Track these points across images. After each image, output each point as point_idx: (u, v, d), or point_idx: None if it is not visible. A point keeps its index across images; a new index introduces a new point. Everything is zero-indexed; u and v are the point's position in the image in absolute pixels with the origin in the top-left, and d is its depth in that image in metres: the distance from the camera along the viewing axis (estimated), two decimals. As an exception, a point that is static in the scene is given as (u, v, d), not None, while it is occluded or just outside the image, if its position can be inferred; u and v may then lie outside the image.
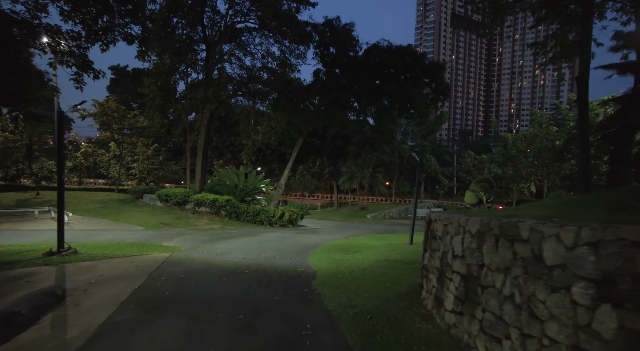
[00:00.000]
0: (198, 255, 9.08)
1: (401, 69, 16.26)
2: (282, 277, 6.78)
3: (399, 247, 11.42)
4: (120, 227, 14.35)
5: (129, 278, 6.10)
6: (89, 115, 27.00)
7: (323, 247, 11.36)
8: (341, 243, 12.57)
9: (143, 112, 27.19)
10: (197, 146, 21.05)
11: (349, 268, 7.64)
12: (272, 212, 16.75)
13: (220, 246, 10.70)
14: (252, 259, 8.73)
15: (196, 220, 16.27)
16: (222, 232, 14.09)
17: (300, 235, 14.27)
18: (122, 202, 19.57)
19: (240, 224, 16.49)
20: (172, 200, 17.72)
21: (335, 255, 9.63)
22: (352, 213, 28.61)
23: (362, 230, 18.74)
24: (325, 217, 27.32)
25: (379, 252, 10.11)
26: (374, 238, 14.91)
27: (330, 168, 34.95)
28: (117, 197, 21.59)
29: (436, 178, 36.92)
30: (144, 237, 12.07)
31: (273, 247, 10.84)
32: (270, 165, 39.47)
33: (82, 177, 39.25)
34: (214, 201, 16.60)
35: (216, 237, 12.61)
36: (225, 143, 68.99)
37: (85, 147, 36.10)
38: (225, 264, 7.93)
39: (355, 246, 11.77)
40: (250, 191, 18.89)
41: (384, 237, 15.33)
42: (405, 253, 9.45)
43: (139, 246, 10.07)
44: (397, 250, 10.44)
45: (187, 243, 11.08)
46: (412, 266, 7.41)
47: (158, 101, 22.76)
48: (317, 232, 16.43)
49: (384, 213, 27.74)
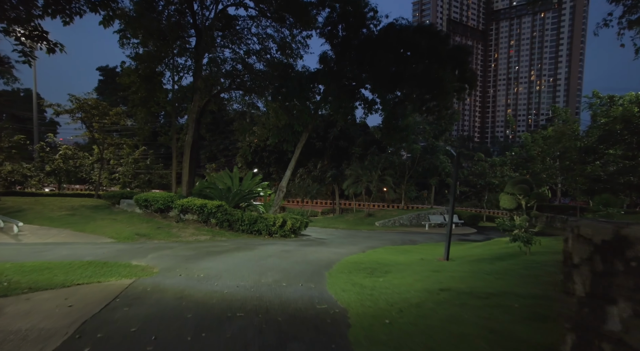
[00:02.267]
0: (173, 281, 6.60)
1: (425, 50, 14.00)
2: (297, 325, 4.36)
3: (437, 265, 9.01)
4: (85, 239, 11.77)
5: (34, 339, 3.59)
6: (64, 112, 24.39)
7: (340, 266, 8.94)
8: (360, 259, 10.14)
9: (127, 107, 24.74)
10: (185, 144, 18.59)
11: (394, 305, 5.22)
12: (272, 220, 14.29)
13: (207, 265, 8.22)
14: (248, 287, 6.28)
15: (180, 230, 13.73)
16: (211, 245, 11.58)
17: (306, 249, 11.81)
18: (94, 209, 16.96)
19: (233, 235, 13.99)
20: (153, 206, 15.19)
21: (362, 280, 7.21)
22: (359, 220, 26.20)
23: (376, 240, 16.32)
24: (328, 224, 24.87)
25: (418, 273, 7.70)
26: (395, 251, 12.51)
27: (333, 171, 32.57)
28: (91, 203, 18.96)
29: (444, 182, 34.74)
30: (110, 253, 9.54)
31: (276, 266, 8.38)
32: (268, 168, 37.03)
33: (61, 182, 36.40)
34: (202, 207, 14.10)
35: (202, 252, 10.12)
36: (219, 146, 66.57)
37: (64, 149, 33.30)
38: (210, 299, 5.46)
39: (380, 263, 9.36)
40: (246, 195, 16.42)
41: (407, 250, 12.94)
42: (458, 276, 7.03)
43: (96, 267, 7.55)
44: (440, 270, 8.03)
45: (164, 262, 8.59)
46: (492, 302, 4.98)
47: (141, 93, 20.35)
48: (325, 243, 13.98)
49: (394, 221, 25.39)
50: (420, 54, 13.99)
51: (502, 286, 5.80)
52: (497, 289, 5.64)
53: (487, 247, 12.49)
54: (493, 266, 8.02)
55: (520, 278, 6.34)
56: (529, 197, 12.92)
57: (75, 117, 26.01)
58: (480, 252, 11.32)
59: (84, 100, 25.02)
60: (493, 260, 8.99)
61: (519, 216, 13.29)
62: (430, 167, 27.15)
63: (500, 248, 11.86)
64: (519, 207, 12.91)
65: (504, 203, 12.88)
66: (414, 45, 14.04)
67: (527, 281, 6.07)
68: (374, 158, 27.60)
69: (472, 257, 10.50)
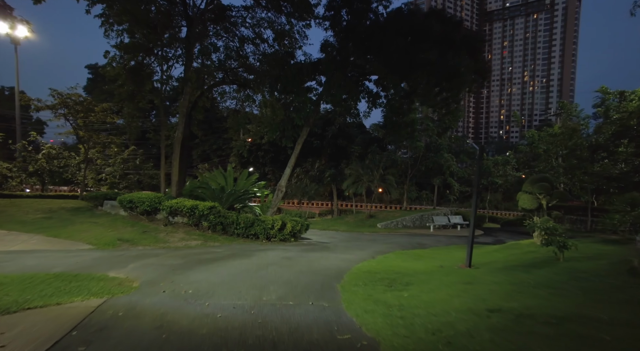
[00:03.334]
0: (154, 300, 5.37)
1: (438, 36, 12.88)
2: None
3: (464, 274, 7.89)
4: (59, 246, 10.43)
5: None
6: (45, 108, 22.83)
7: (352, 276, 7.77)
8: (372, 267, 8.98)
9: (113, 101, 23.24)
10: (174, 140, 17.26)
11: (436, 334, 4.09)
12: (270, 223, 13.06)
13: (197, 278, 7.00)
14: (248, 309, 5.09)
15: (169, 235, 12.43)
16: (203, 252, 10.33)
17: (310, 255, 10.61)
18: (74, 211, 15.58)
19: (227, 239, 12.72)
20: (138, 207, 13.86)
21: (383, 294, 6.07)
22: (359, 222, 25.05)
23: (382, 244, 15.18)
24: (328, 226, 23.68)
25: (447, 286, 6.56)
26: (407, 256, 11.37)
27: (332, 170, 31.38)
28: (72, 205, 17.56)
29: (446, 182, 33.79)
30: (85, 263, 8.27)
31: (278, 278, 7.19)
32: (263, 168, 35.75)
33: (45, 183, 34.63)
34: (192, 209, 12.82)
35: (193, 261, 8.88)
36: (213, 146, 65.00)
37: (47, 148, 31.59)
38: (199, 327, 4.26)
39: (397, 272, 8.22)
40: (241, 196, 15.16)
41: (420, 255, 11.81)
42: (500, 290, 5.89)
43: (62, 282, 6.30)
44: (472, 281, 6.90)
45: (147, 273, 7.36)
46: (568, 331, 3.84)
47: (127, 87, 18.95)
48: (329, 248, 12.79)
49: (396, 222, 24.30)
50: (433, 40, 12.86)
51: (566, 307, 4.67)
52: (562, 310, 4.51)
53: (507, 251, 11.42)
54: (532, 277, 6.91)
55: (582, 294, 5.22)
56: (550, 196, 11.88)
57: (57, 113, 24.48)
58: (504, 258, 10.23)
59: (67, 95, 23.49)
60: (527, 268, 7.89)
61: (539, 217, 12.28)
62: (434, 166, 26.13)
63: (523, 252, 10.81)
64: (539, 207, 11.85)
65: (524, 203, 11.84)
66: (425, 31, 12.91)
67: (594, 298, 4.95)
68: (375, 156, 26.48)
69: (497, 263, 9.41)
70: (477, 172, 9.18)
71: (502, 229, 26.00)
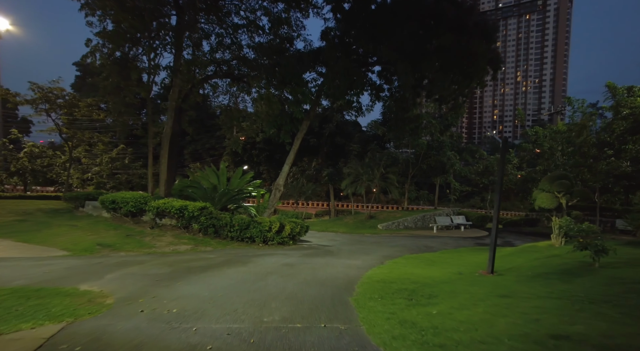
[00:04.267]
0: (128, 325, 4.32)
1: (452, 21, 11.88)
2: None
3: (492, 284, 6.95)
4: (28, 253, 9.26)
5: None
6: (24, 103, 21.45)
7: (365, 286, 6.80)
8: (385, 275, 7.99)
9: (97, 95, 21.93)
10: (163, 136, 16.09)
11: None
12: (267, 225, 12.00)
13: (184, 291, 5.96)
14: (246, 337, 4.09)
15: (155, 239, 11.31)
16: (192, 259, 9.26)
17: (313, 261, 9.59)
18: (53, 213, 14.36)
19: (220, 243, 11.64)
20: (122, 208, 12.69)
21: (408, 312, 5.12)
22: (359, 223, 24.09)
23: (388, 247, 14.22)
24: (326, 228, 22.66)
25: (480, 299, 5.60)
26: (419, 261, 10.41)
27: (330, 169, 30.36)
28: (52, 207, 16.32)
29: (446, 181, 33.04)
30: (55, 273, 7.17)
31: (280, 291, 6.18)
32: (257, 168, 34.61)
33: (27, 183, 33.01)
34: (181, 210, 11.71)
35: (181, 269, 7.81)
36: (205, 145, 63.55)
37: (29, 146, 30.08)
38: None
39: (414, 281, 7.27)
40: (235, 196, 14.08)
41: (431, 260, 10.86)
42: (548, 306, 4.93)
43: (18, 299, 5.25)
44: (508, 294, 5.95)
45: (125, 286, 6.30)
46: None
47: (113, 79, 17.72)
48: (332, 252, 11.78)
49: (398, 223, 23.40)
50: (446, 26, 11.89)
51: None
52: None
53: (527, 255, 10.52)
54: (576, 287, 5.98)
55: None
56: (570, 194, 11.03)
57: (39, 109, 23.09)
58: (527, 263, 9.32)
59: (49, 89, 22.15)
60: (562, 276, 6.97)
61: (558, 217, 11.44)
62: (436, 165, 25.27)
63: (546, 256, 9.91)
64: (559, 207, 10.99)
65: (542, 202, 10.97)
66: (438, 15, 11.95)
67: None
68: (376, 155, 25.52)
69: (521, 269, 8.49)
70: (500, 167, 8.25)
71: (505, 230, 25.27)
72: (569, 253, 8.97)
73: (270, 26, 15.19)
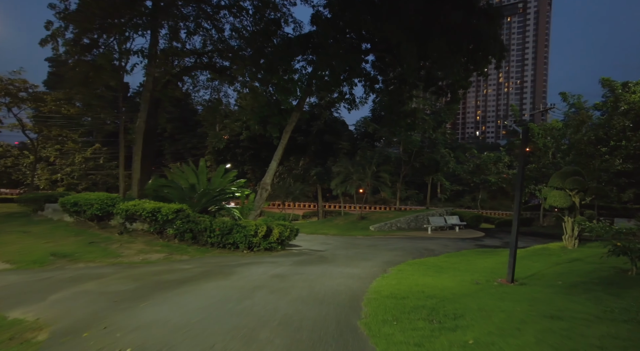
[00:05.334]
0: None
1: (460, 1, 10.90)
2: None
3: (521, 297, 5.92)
4: (-39, 267, 7.64)
5: None
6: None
7: (373, 304, 5.63)
8: (393, 287, 6.85)
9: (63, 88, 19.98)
10: (136, 131, 14.52)
11: None
12: (253, 229, 10.70)
13: (148, 318, 4.67)
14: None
15: (123, 246, 9.84)
16: (165, 270, 7.89)
17: (307, 270, 8.36)
18: (5, 218, 12.64)
19: (198, 250, 10.26)
20: (87, 211, 11.11)
21: (438, 342, 3.96)
22: (350, 224, 22.99)
23: (386, 250, 13.13)
24: (316, 230, 21.45)
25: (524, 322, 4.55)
26: (425, 268, 9.32)
27: (319, 168, 29.13)
28: (6, 210, 14.46)
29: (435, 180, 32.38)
30: (-16, 294, 5.69)
31: (272, 314, 4.96)
32: (242, 167, 33.01)
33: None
34: (154, 212, 10.27)
35: (149, 285, 6.48)
36: (187, 145, 61.32)
37: (-10, 144, 27.64)
38: None
39: (429, 295, 6.17)
40: (217, 196, 12.70)
41: (438, 266, 9.79)
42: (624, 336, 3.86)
43: None
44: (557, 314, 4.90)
45: (72, 310, 4.97)
46: None
47: (80, 68, 16.02)
48: (326, 258, 10.58)
49: (391, 224, 22.43)
50: (452, 4, 10.86)
51: None
52: None
53: (543, 260, 9.58)
54: (632, 303, 4.98)
55: None
56: (584, 192, 10.20)
57: (-2, 102, 20.95)
58: (549, 269, 8.37)
59: (9, 80, 20.08)
60: (604, 287, 6.01)
61: (571, 217, 10.61)
62: (430, 163, 24.43)
63: (566, 260, 9.01)
64: (572, 206, 10.15)
65: (555, 200, 10.10)
66: (442, -6, 11.00)
67: None
68: (367, 153, 24.46)
69: (546, 277, 7.51)
70: (521, 160, 7.26)
71: (500, 230, 24.72)
72: (593, 258, 8.10)
73: (255, 10, 13.87)
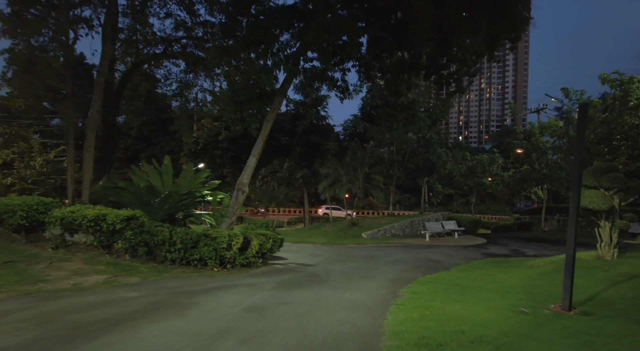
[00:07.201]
0: None
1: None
2: None
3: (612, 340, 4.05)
4: None
5: None
6: None
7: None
8: (418, 326, 4.91)
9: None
10: (87, 123, 12.17)
11: None
12: (226, 240, 8.59)
13: None
14: None
15: (54, 266, 7.55)
16: (97, 302, 5.70)
17: (295, 297, 6.34)
18: None
19: (154, 269, 8.05)
20: (10, 220, 8.73)
21: None
22: (340, 231, 21.07)
23: (386, 264, 11.23)
24: (302, 238, 19.42)
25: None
26: (444, 288, 7.44)
27: (305, 171, 27.14)
28: None
29: (428, 183, 30.95)
30: None
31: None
32: (220, 170, 30.66)
33: None
34: (97, 221, 8.05)
35: (58, 333, 4.30)
36: (164, 149, 58.66)
37: None
38: None
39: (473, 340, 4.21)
40: (184, 200, 10.52)
41: (458, 284, 7.94)
42: None
43: None
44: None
45: None
46: None
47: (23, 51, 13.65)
48: (318, 276, 8.57)
49: (384, 231, 20.65)
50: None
51: None
52: None
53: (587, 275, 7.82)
54: None
55: None
56: (625, 191, 8.66)
57: None
58: (605, 289, 6.63)
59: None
60: None
61: (609, 221, 9.03)
62: (425, 164, 22.84)
63: (619, 276, 7.31)
64: (611, 208, 8.56)
65: (591, 202, 8.53)
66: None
67: None
68: (357, 153, 22.66)
69: (614, 302, 5.75)
70: (577, 146, 5.53)
71: (500, 236, 23.38)
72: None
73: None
